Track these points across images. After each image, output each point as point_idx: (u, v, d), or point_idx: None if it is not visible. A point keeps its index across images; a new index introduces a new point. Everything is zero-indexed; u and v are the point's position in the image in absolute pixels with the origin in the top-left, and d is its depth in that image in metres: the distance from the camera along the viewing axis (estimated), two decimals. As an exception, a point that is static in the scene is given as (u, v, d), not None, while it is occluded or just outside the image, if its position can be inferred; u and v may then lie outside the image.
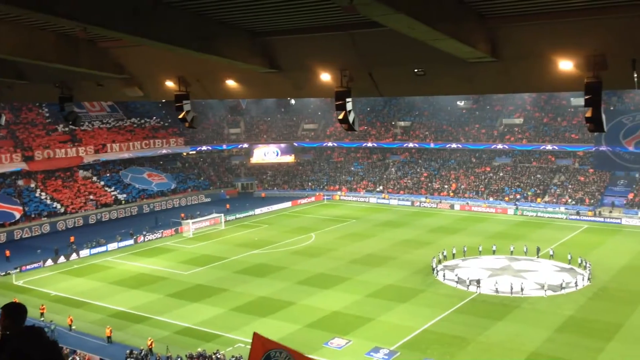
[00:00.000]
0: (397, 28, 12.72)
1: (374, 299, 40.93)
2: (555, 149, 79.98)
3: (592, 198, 72.37)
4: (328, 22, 15.71)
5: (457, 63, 15.65)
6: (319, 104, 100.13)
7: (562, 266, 47.47)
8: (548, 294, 40.87)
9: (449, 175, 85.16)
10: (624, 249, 53.83)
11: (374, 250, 54.83)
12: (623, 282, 43.72)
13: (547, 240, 56.06)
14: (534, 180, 78.98)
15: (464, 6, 13.65)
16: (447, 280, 44.31)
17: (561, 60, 14.20)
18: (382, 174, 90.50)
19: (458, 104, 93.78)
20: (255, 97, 67.14)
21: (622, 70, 13.55)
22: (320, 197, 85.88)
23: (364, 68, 16.86)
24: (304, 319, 37.27)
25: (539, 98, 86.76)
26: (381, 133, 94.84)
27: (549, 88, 17.35)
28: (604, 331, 34.13)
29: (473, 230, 62.73)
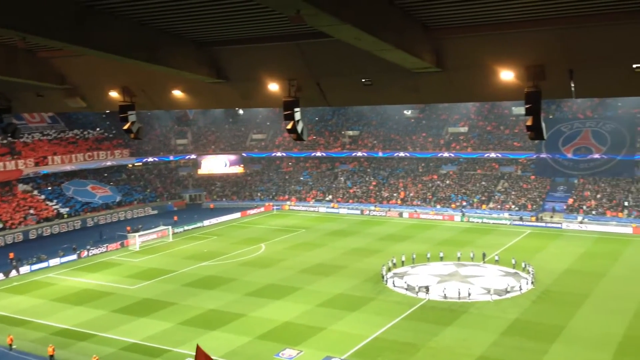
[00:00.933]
0: (344, 39, 12.83)
1: (325, 308, 40.93)
2: (498, 156, 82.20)
3: (534, 204, 74.62)
4: (275, 32, 15.71)
5: (403, 73, 15.91)
6: (267, 114, 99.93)
7: (507, 271, 48.66)
8: (494, 298, 41.79)
9: (398, 184, 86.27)
10: (565, 252, 55.65)
11: (324, 259, 54.92)
12: (564, 284, 45.15)
13: (492, 246, 57.43)
14: (479, 188, 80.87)
15: (409, 18, 13.89)
16: (397, 288, 44.77)
17: (502, 71, 14.61)
18: (331, 183, 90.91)
19: (405, 113, 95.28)
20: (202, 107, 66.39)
21: (560, 80, 14.06)
22: (270, 208, 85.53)
23: (312, 78, 16.93)
24: (255, 330, 36.92)
25: (483, 107, 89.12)
26: (330, 142, 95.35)
27: (492, 97, 17.83)
28: (547, 333, 35.10)
29: (421, 238, 63.67)
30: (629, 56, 13.39)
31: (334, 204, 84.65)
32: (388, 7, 12.93)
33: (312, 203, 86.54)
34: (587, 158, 73.66)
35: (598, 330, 35.40)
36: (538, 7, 12.82)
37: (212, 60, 17.26)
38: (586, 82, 14.31)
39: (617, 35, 13.39)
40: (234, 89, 18.67)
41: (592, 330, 35.46)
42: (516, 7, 12.92)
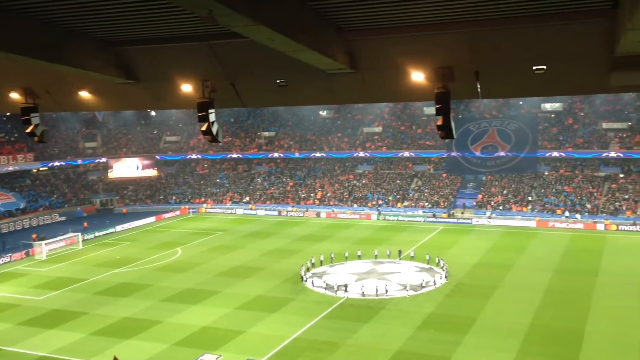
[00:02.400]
0: (258, 39, 12.73)
1: (244, 311, 40.57)
2: (412, 155, 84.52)
3: (446, 201, 77.28)
4: (187, 32, 15.38)
5: (318, 74, 16.00)
6: (181, 115, 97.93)
7: (421, 266, 50.11)
8: (410, 293, 42.91)
9: (315, 184, 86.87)
10: (475, 247, 58.00)
11: (243, 261, 54.45)
12: (476, 278, 47.03)
13: (407, 243, 58.97)
14: (394, 186, 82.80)
15: (323, 19, 13.97)
16: (316, 287, 45.05)
17: (414, 72, 14.99)
18: (248, 185, 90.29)
19: (321, 114, 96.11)
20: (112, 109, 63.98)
21: (468, 81, 14.59)
22: (186, 211, 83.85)
23: (226, 79, 16.71)
24: (172, 337, 36.02)
25: (396, 107, 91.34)
26: (246, 144, 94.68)
27: (404, 98, 18.27)
28: (460, 325, 36.41)
29: (339, 237, 64.42)
30: (530, 59, 14.09)
31: (252, 205, 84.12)
32: (302, 9, 12.96)
33: (229, 205, 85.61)
34: (494, 156, 77.10)
35: (507, 320, 37.10)
36: (446, 10, 13.24)
37: (121, 60, 16.68)
38: (491, 84, 14.93)
39: (519, 38, 14.06)
40: (145, 90, 18.14)
41: (501, 320, 37.11)
42: (425, 10, 13.29)
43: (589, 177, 74.82)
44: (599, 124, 78.34)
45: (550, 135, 78.77)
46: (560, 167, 77.26)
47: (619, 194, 70.46)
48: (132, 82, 17.21)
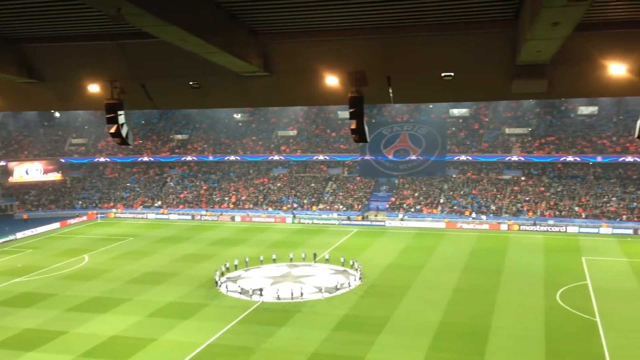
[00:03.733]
0: (170, 40, 12.45)
1: (156, 318, 39.43)
2: (326, 159, 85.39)
3: (360, 204, 78.63)
4: (96, 30, 14.81)
5: (232, 76, 15.85)
6: (88, 116, 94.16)
7: (336, 269, 50.66)
8: (325, 296, 43.26)
9: (229, 188, 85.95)
10: (389, 248, 59.35)
11: (155, 267, 52.97)
12: (389, 278, 48.10)
13: (322, 246, 59.49)
14: (309, 189, 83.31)
15: (237, 22, 13.86)
16: (230, 292, 44.51)
17: (328, 76, 15.15)
18: (160, 189, 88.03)
19: (235, 117, 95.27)
20: (12, 109, 60.51)
21: (380, 86, 14.92)
22: (93, 216, 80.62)
23: (137, 80, 16.23)
24: (78, 348, 34.43)
25: (310, 111, 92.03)
26: (158, 147, 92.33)
27: (319, 102, 18.45)
28: (374, 325, 37.09)
29: (254, 241, 64.03)
30: (438, 66, 14.60)
31: (164, 209, 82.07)
32: (215, 10, 12.79)
33: (140, 210, 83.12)
34: (406, 159, 79.25)
35: (418, 319, 38.17)
36: (359, 16, 13.47)
37: (22, 59, 15.81)
38: (403, 89, 15.35)
39: (429, 46, 14.53)
40: (49, 90, 17.29)
41: (413, 319, 38.14)
42: (339, 16, 13.46)
43: (494, 180, 78.46)
44: (502, 129, 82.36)
45: (458, 140, 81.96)
46: (468, 170, 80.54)
47: (520, 196, 74.32)
48: (34, 81, 16.36)
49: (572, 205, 70.73)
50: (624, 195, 70.51)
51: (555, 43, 12.33)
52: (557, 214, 69.81)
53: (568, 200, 71.83)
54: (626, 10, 12.85)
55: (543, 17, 10.29)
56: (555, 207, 71.00)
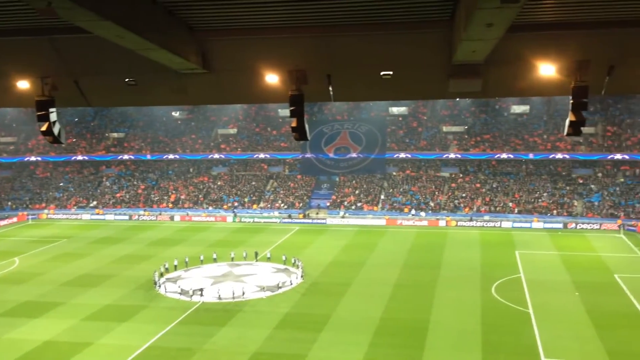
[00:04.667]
0: (105, 36, 12.12)
1: (92, 321, 38.29)
2: (267, 157, 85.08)
3: (301, 202, 78.75)
4: (26, 24, 14.22)
5: (170, 73, 15.57)
6: (17, 114, 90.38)
7: (278, 267, 50.57)
8: (267, 294, 43.12)
9: (168, 187, 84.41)
10: (330, 246, 59.71)
11: (90, 269, 51.42)
12: (330, 276, 48.39)
13: (264, 244, 59.26)
14: (249, 188, 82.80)
15: (174, 18, 13.61)
16: (170, 293, 43.72)
17: (268, 74, 15.08)
18: (95, 189, 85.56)
19: (173, 115, 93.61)
20: None
21: (320, 84, 14.97)
22: (24, 217, 77.53)
23: (70, 76, 15.71)
24: (9, 355, 33.00)
25: (250, 109, 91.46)
26: (92, 145, 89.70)
27: (259, 99, 18.37)
28: (316, 323, 37.24)
29: (194, 240, 63.14)
30: (378, 64, 14.77)
31: (99, 210, 79.82)
32: (151, 6, 12.51)
33: (74, 210, 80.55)
34: (346, 157, 79.88)
35: (360, 315, 38.58)
36: (299, 14, 13.46)
37: (-56, 52, 15.02)
38: (343, 87, 15.44)
39: (368, 44, 14.68)
40: (-26, 86, 16.49)
41: (354, 316, 38.52)
42: (278, 13, 13.41)
43: (432, 177, 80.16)
44: (440, 128, 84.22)
45: (397, 138, 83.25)
46: (407, 167, 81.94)
47: (457, 193, 76.23)
48: (-42, 77, 15.58)
49: (506, 201, 73.09)
50: (554, 191, 73.42)
51: (489, 44, 12.68)
52: (492, 209, 72.01)
53: (502, 196, 74.19)
54: (555, 12, 13.36)
55: (477, 18, 10.57)
56: (491, 202, 73.20)
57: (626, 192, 71.08)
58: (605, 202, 70.08)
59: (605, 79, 13.93)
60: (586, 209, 69.80)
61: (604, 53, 13.91)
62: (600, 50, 13.94)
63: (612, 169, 74.93)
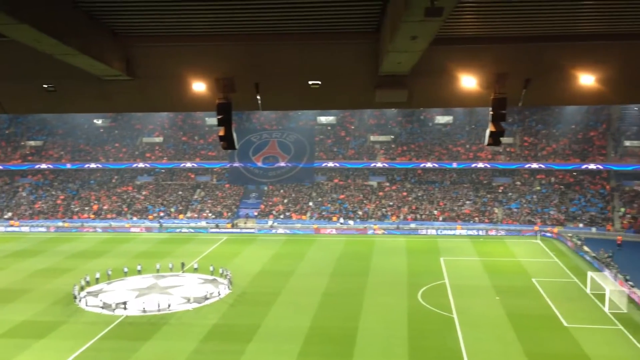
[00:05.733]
0: (22, 40, 11.58)
1: (7, 339, 36.29)
2: (194, 166, 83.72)
3: (229, 211, 77.88)
4: None
5: (92, 80, 15.06)
6: None
7: (205, 278, 49.72)
8: (194, 306, 42.29)
9: (90, 197, 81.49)
10: (259, 255, 59.29)
11: (4, 284, 48.77)
12: (259, 285, 48.02)
13: (191, 255, 58.15)
14: (176, 198, 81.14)
15: (96, 23, 13.20)
16: (91, 307, 42.11)
17: (195, 82, 14.85)
18: (10, 199, 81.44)
19: (96, 122, 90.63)
20: None
21: (248, 92, 14.87)
22: None
23: (-19, 81, 14.89)
24: None
25: (177, 117, 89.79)
26: (7, 154, 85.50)
27: (185, 108, 18.04)
28: (244, 334, 36.82)
29: (118, 252, 61.16)
30: (306, 74, 14.84)
31: (14, 221, 75.97)
32: (72, 11, 12.06)
33: (-12, 222, 76.31)
34: (275, 166, 79.79)
35: (288, 325, 38.45)
36: (225, 22, 13.34)
37: None
38: (271, 96, 15.39)
39: (296, 54, 14.73)
40: None
41: (283, 325, 38.36)
42: (204, 21, 13.25)
43: (360, 186, 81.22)
44: (367, 137, 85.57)
45: (325, 147, 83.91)
46: (335, 176, 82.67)
47: (385, 201, 77.58)
48: None
49: (431, 208, 75.02)
50: (476, 199, 76.02)
51: (414, 55, 13.01)
52: (418, 217, 73.71)
53: (427, 204, 76.10)
54: (475, 27, 13.87)
55: (402, 31, 10.81)
56: (416, 211, 74.91)
57: (542, 199, 74.51)
58: (523, 209, 73.19)
59: (522, 91, 14.56)
60: (506, 216, 72.67)
61: (521, 66, 14.55)
62: (517, 64, 14.57)
63: (529, 178, 78.38)
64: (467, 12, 12.57)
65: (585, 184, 75.44)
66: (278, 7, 12.29)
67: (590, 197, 73.38)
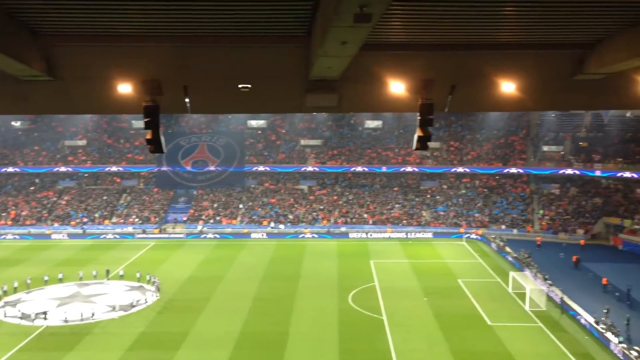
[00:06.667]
0: None
1: None
2: (120, 170, 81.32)
3: (157, 216, 76.07)
4: None
5: (9, 80, 14.39)
6: None
7: (132, 285, 48.35)
8: (119, 314, 41.04)
9: (7, 202, 77.62)
10: (188, 261, 58.21)
11: None
12: (188, 292, 47.14)
13: (116, 262, 56.38)
14: (100, 203, 78.54)
15: (15, 21, 12.61)
16: (9, 318, 40.11)
17: (120, 84, 14.41)
18: None
19: (13, 124, 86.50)
20: None
21: (177, 95, 14.58)
22: None
23: None
24: None
25: (101, 120, 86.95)
26: None
27: (110, 110, 17.47)
28: (173, 341, 36.05)
29: (38, 260, 58.52)
30: (236, 77, 14.69)
31: None
32: (-12, 6, 11.46)
33: None
34: (204, 170, 78.63)
35: (219, 330, 37.95)
36: (151, 23, 13.02)
37: None
38: (200, 99, 15.13)
39: (226, 57, 14.56)
40: None
41: (213, 331, 37.82)
42: (129, 21, 12.88)
43: (291, 190, 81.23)
44: (298, 141, 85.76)
45: (256, 151, 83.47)
46: (266, 180, 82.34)
47: (315, 205, 77.93)
48: None
49: (361, 212, 75.97)
50: (405, 202, 77.62)
51: (344, 60, 13.13)
52: (349, 220, 74.46)
53: (358, 207, 77.01)
54: (403, 33, 14.16)
55: (332, 36, 10.89)
56: (347, 214, 75.67)
57: (467, 202, 76.93)
58: (449, 212, 75.31)
59: (448, 97, 14.97)
60: (433, 218, 74.55)
61: (447, 73, 14.97)
62: (443, 71, 14.98)
63: (455, 181, 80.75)
64: (395, 19, 12.81)
65: (507, 187, 78.51)
66: (206, 9, 12.11)
67: (511, 200, 76.40)
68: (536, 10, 12.27)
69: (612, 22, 13.21)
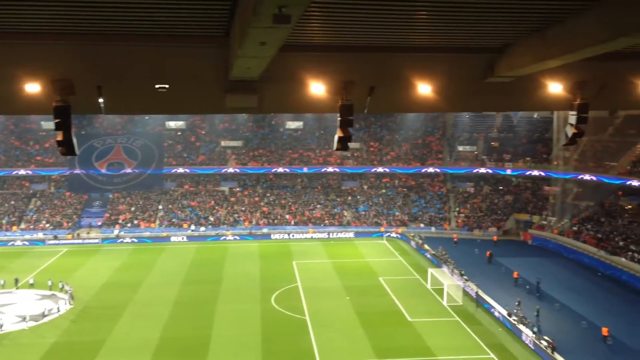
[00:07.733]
0: None
1: None
2: (29, 173, 77.41)
3: (70, 221, 73.00)
4: None
5: None
6: None
7: (43, 294, 46.17)
8: (30, 325, 39.08)
9: None
10: (103, 267, 56.16)
11: None
12: (103, 299, 45.51)
13: (26, 270, 53.59)
14: (8, 208, 74.48)
15: None
16: None
17: (28, 83, 13.74)
18: None
19: None
20: None
21: (90, 95, 14.01)
22: None
23: None
24: None
25: (8, 121, 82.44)
26: None
27: (18, 111, 16.61)
28: (88, 350, 34.72)
29: (-62, 270, 54.79)
30: (153, 77, 14.29)
31: None
32: None
33: None
34: (120, 173, 76.09)
35: (137, 337, 36.88)
36: (61, 19, 12.45)
37: None
38: (115, 99, 14.61)
39: (142, 56, 14.14)
40: None
41: (131, 339, 36.72)
42: (36, 17, 12.28)
43: (211, 192, 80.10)
44: (219, 142, 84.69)
45: (175, 152, 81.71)
46: (185, 182, 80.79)
47: (237, 207, 77.22)
48: None
49: (283, 213, 75.98)
50: (327, 202, 78.30)
51: (263, 61, 13.05)
52: (270, 222, 74.27)
53: (279, 208, 76.97)
54: (322, 35, 14.26)
55: (251, 37, 10.79)
56: (269, 215, 75.45)
57: (387, 202, 78.57)
58: (370, 211, 76.64)
59: (367, 98, 15.20)
60: (354, 218, 75.61)
61: (366, 75, 15.19)
62: (362, 72, 15.19)
63: (375, 181, 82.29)
64: (314, 21, 12.87)
65: (425, 187, 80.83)
66: (117, 7, 11.68)
67: (429, 198, 78.73)
68: (447, 15, 12.67)
69: (518, 28, 13.85)
